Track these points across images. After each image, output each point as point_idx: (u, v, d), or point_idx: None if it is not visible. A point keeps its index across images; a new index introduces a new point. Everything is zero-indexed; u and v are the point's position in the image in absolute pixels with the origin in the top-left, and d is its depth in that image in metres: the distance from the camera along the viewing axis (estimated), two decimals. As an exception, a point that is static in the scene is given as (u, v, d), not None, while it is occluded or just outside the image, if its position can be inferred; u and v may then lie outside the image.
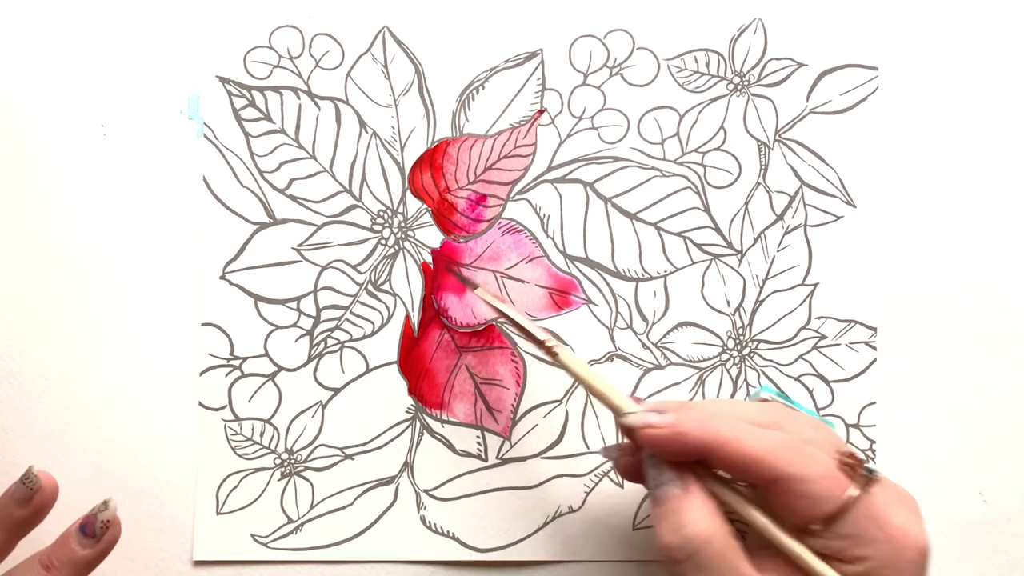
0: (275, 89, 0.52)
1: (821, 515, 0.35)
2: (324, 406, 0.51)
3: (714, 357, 0.52)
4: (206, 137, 0.51)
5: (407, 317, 0.52)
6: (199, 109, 0.52)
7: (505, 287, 0.52)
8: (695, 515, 0.36)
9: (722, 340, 0.52)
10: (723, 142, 0.52)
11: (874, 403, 0.52)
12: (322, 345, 0.51)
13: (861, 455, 0.39)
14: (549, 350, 0.43)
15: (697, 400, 0.52)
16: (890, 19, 0.52)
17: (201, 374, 0.51)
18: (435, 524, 0.51)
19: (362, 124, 0.52)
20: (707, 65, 0.52)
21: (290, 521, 0.51)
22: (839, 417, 0.52)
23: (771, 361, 0.52)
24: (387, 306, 0.52)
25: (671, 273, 0.52)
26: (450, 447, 0.52)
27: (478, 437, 0.52)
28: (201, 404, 0.51)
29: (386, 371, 0.52)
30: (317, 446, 0.51)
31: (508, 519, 0.51)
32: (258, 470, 0.51)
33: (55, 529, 0.51)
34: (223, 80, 0.51)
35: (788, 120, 0.52)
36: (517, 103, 0.52)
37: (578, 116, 0.52)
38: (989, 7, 0.53)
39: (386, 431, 0.52)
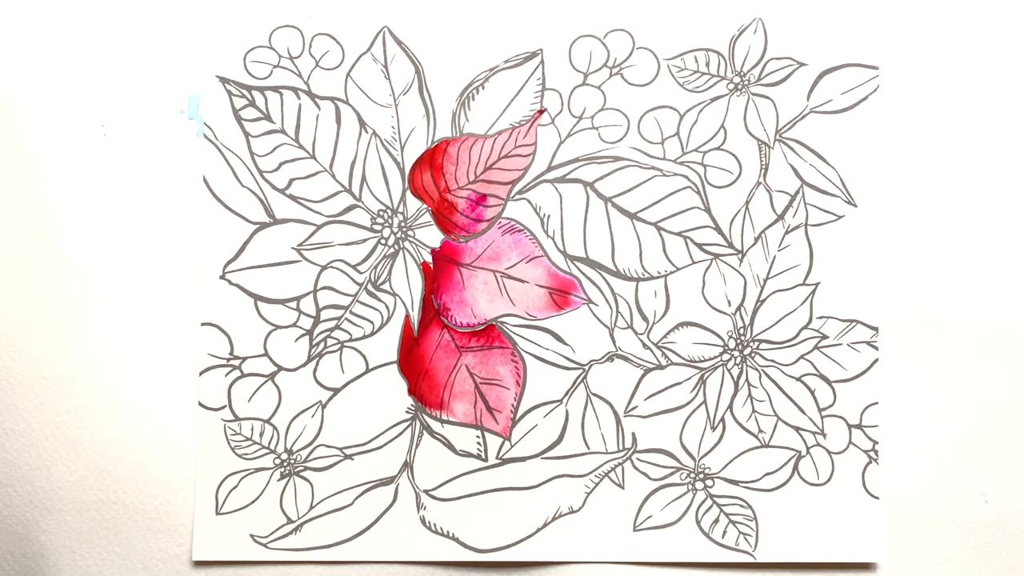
0: (275, 89, 0.52)
1: None
2: (324, 406, 0.51)
3: (715, 357, 0.52)
4: (206, 137, 0.51)
5: (407, 317, 0.52)
6: (199, 109, 0.52)
7: (505, 287, 0.52)
8: None
9: (723, 340, 0.52)
10: (723, 142, 0.52)
11: (876, 403, 0.52)
12: (322, 345, 0.51)
13: None
14: None
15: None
16: (890, 19, 0.52)
17: (201, 374, 0.51)
18: (435, 524, 0.51)
19: (362, 124, 0.52)
20: (707, 65, 0.52)
21: (290, 521, 0.51)
22: (841, 418, 0.52)
23: (772, 361, 0.52)
24: (387, 306, 0.52)
25: (671, 273, 0.52)
26: (450, 447, 0.52)
27: (478, 437, 0.52)
28: (201, 404, 0.51)
29: (386, 371, 0.52)
30: (317, 446, 0.51)
31: (508, 519, 0.51)
32: (258, 470, 0.51)
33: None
34: (223, 80, 0.52)
35: (788, 119, 0.52)
36: (517, 103, 0.52)
37: (578, 116, 0.52)
38: (989, 7, 0.53)
39: (386, 431, 0.51)
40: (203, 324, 0.51)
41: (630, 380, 0.52)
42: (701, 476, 0.52)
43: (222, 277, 0.51)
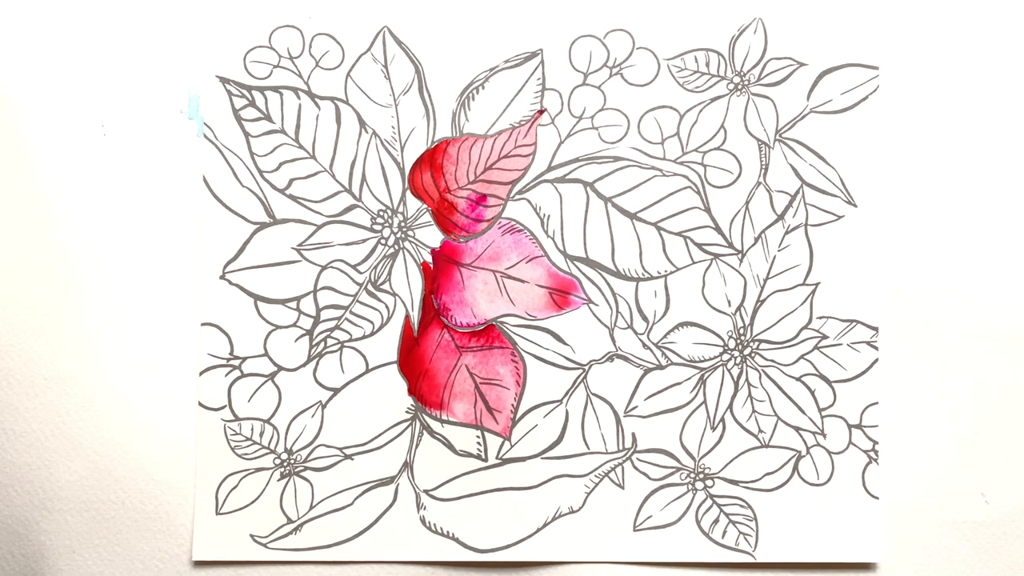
0: (275, 89, 0.52)
1: None
2: (324, 406, 0.51)
3: (715, 357, 0.52)
4: (206, 137, 0.51)
5: (407, 317, 0.52)
6: (199, 109, 0.52)
7: (505, 287, 0.52)
8: None
9: (723, 340, 0.52)
10: (723, 142, 0.52)
11: (876, 403, 0.52)
12: (322, 345, 0.51)
13: None
14: None
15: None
16: (890, 19, 0.52)
17: (201, 374, 0.51)
18: (435, 524, 0.51)
19: (362, 124, 0.52)
20: (707, 65, 0.52)
21: (289, 521, 0.51)
22: (841, 418, 0.52)
23: (772, 361, 0.52)
24: (387, 306, 0.52)
25: (671, 273, 0.52)
26: (450, 447, 0.52)
27: (478, 437, 0.52)
28: (201, 404, 0.51)
29: (386, 371, 0.52)
30: (317, 446, 0.51)
31: (508, 519, 0.51)
32: (258, 470, 0.51)
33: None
34: (223, 80, 0.52)
35: (788, 119, 0.52)
36: (517, 103, 0.52)
37: (578, 116, 0.52)
38: (989, 7, 0.53)
39: (386, 431, 0.51)
40: (203, 324, 0.51)
41: (630, 380, 0.52)
42: (701, 476, 0.52)
43: (222, 277, 0.51)
